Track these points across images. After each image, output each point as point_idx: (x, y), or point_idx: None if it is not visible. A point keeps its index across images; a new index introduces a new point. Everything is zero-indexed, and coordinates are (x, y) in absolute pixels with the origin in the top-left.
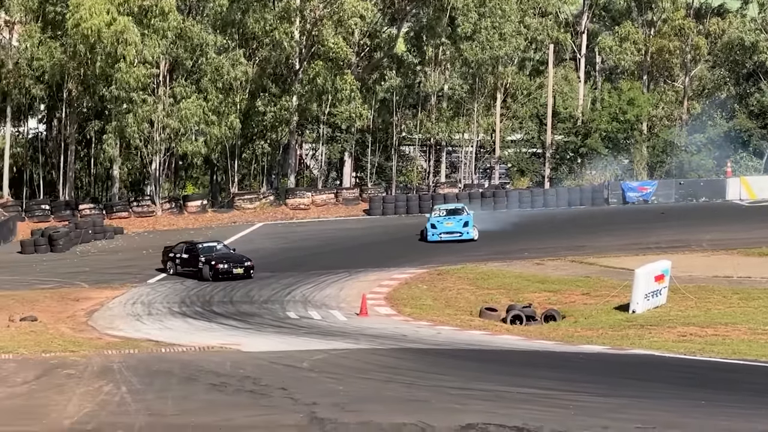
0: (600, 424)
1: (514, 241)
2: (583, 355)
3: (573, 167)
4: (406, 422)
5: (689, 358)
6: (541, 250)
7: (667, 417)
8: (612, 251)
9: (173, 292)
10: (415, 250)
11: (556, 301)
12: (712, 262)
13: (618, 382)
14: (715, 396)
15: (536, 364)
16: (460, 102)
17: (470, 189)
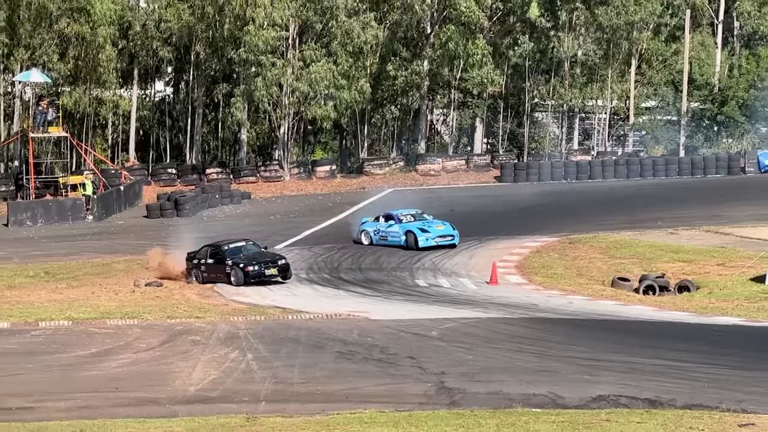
0: (734, 397)
1: (648, 210)
2: (718, 327)
3: (709, 135)
4: (536, 393)
5: None
6: (676, 220)
7: None
8: (748, 221)
9: (301, 258)
10: (546, 217)
11: (690, 272)
12: None
13: (753, 355)
14: None
15: (669, 335)
16: (594, 68)
17: (603, 156)
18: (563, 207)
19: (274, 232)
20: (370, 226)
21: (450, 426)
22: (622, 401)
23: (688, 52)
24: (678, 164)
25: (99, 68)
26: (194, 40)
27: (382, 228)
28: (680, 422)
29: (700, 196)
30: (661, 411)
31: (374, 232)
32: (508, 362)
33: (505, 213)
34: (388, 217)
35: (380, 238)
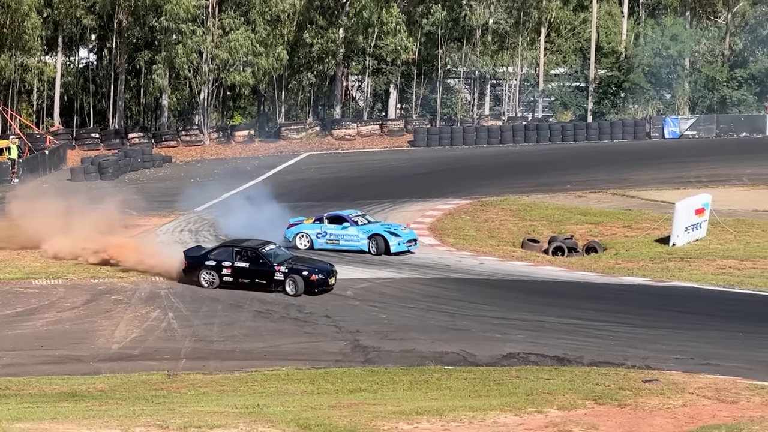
0: (639, 354)
1: (557, 174)
2: (624, 286)
3: (616, 101)
4: (448, 351)
5: (728, 291)
6: (584, 183)
7: (704, 348)
8: (653, 185)
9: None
10: (458, 181)
11: (598, 233)
12: (752, 196)
13: (657, 313)
14: (753, 328)
15: (577, 295)
16: (505, 36)
17: (513, 122)
18: (475, 171)
19: (193, 195)
20: (310, 228)
21: (365, 383)
22: (532, 359)
23: (596, 21)
24: (586, 129)
25: (24, 36)
26: (117, 8)
27: (332, 230)
28: (587, 378)
29: (607, 161)
30: (569, 368)
31: (318, 234)
32: (421, 321)
33: (418, 176)
34: (337, 218)
35: (328, 241)
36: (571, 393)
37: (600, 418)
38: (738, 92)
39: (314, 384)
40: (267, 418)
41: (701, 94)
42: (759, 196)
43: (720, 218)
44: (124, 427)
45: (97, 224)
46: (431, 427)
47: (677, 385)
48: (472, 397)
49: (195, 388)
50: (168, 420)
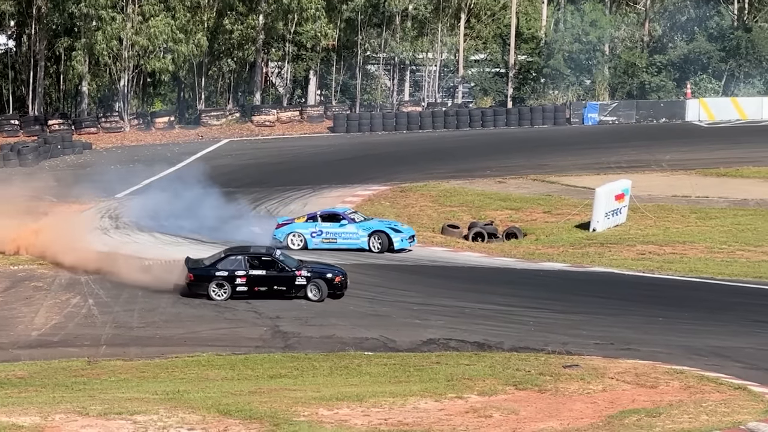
0: (559, 340)
1: (477, 160)
2: (544, 272)
3: (535, 87)
4: (368, 337)
5: (648, 276)
6: (504, 169)
7: (624, 333)
8: (573, 170)
9: (141, 207)
10: (378, 167)
11: (518, 219)
12: (671, 182)
13: (577, 299)
14: (672, 313)
15: (497, 281)
16: (425, 22)
17: (433, 108)
18: (394, 157)
19: (113, 181)
20: (303, 227)
21: (285, 369)
22: (452, 344)
23: (516, 6)
24: (506, 115)
25: None
26: None
27: (327, 229)
28: (507, 364)
29: (527, 146)
30: (489, 353)
31: (312, 233)
32: (341, 307)
33: (338, 162)
34: (332, 216)
35: (324, 240)
36: (491, 378)
37: (520, 404)
38: (657, 78)
39: (234, 370)
40: (187, 404)
41: (621, 80)
42: (678, 181)
43: (640, 204)
44: (43, 414)
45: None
46: (351, 413)
47: (597, 370)
48: (392, 383)
49: (115, 374)
50: (88, 406)
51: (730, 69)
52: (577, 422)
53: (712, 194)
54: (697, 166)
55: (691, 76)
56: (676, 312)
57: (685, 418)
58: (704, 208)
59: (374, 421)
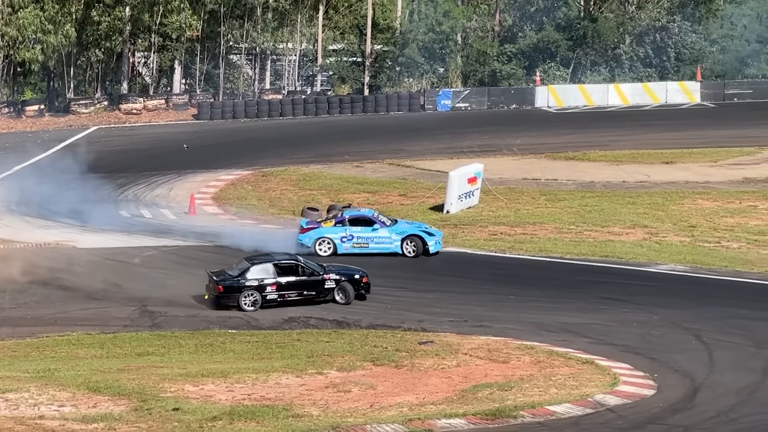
0: (415, 317)
1: (335, 145)
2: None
3: (391, 75)
4: (232, 316)
5: (499, 256)
6: (361, 154)
7: (477, 311)
8: (427, 155)
9: (11, 191)
10: (240, 153)
11: (375, 202)
12: (522, 166)
13: (432, 278)
14: (523, 291)
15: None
16: (285, 13)
17: (293, 96)
18: (256, 143)
19: None
20: (332, 231)
21: (152, 347)
22: (312, 322)
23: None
24: (363, 102)
25: None
26: None
27: (359, 233)
28: (365, 341)
29: (384, 132)
30: (348, 331)
31: (342, 238)
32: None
33: (202, 148)
34: (361, 220)
35: (355, 245)
36: (350, 355)
37: (378, 379)
38: (508, 66)
39: (103, 348)
40: (58, 381)
41: (473, 68)
42: (528, 165)
43: (491, 186)
44: None
45: None
46: (216, 389)
47: (451, 346)
48: (255, 360)
49: None
50: None
51: (577, 57)
52: (433, 396)
53: (561, 177)
54: (546, 150)
55: (540, 64)
56: (526, 290)
57: (535, 391)
58: (553, 190)
59: (238, 397)
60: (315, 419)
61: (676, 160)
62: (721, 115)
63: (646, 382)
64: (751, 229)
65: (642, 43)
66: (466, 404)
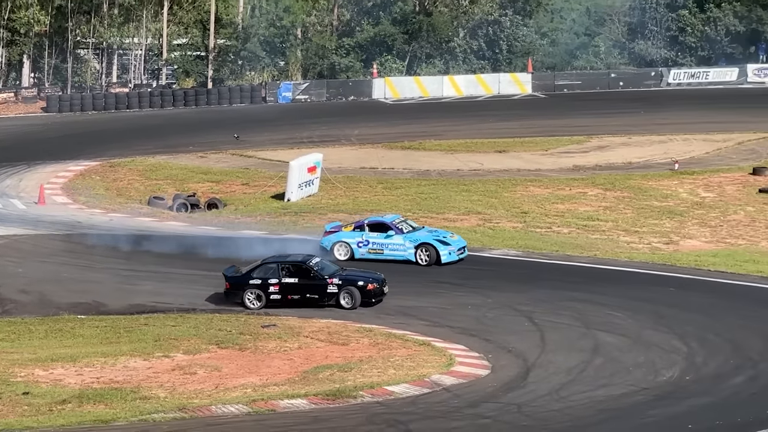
0: None
1: (180, 137)
2: (244, 239)
3: (234, 69)
4: (82, 301)
5: None
6: (205, 145)
7: None
8: (269, 145)
9: None
10: (88, 144)
11: (218, 191)
12: (360, 155)
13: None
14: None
15: (201, 247)
16: (131, 9)
17: (140, 89)
18: (104, 135)
19: None
20: (350, 236)
21: (2, 333)
22: (159, 307)
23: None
24: (207, 95)
25: None
26: None
27: (374, 239)
28: (210, 325)
29: (227, 124)
30: (194, 315)
31: (359, 243)
32: (56, 275)
33: (51, 140)
34: (380, 226)
35: (371, 251)
36: (195, 338)
37: (222, 361)
38: (346, 59)
39: None
40: None
41: (312, 61)
42: (366, 154)
43: (330, 175)
44: None
45: None
46: (66, 372)
47: (293, 329)
48: (104, 344)
49: None
50: None
51: (412, 50)
52: (275, 377)
53: (398, 166)
54: (383, 140)
55: (377, 57)
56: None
57: (374, 372)
58: (390, 178)
59: (87, 380)
60: (162, 401)
61: (509, 149)
62: (552, 106)
63: (481, 363)
64: (581, 214)
65: (475, 36)
66: (307, 385)
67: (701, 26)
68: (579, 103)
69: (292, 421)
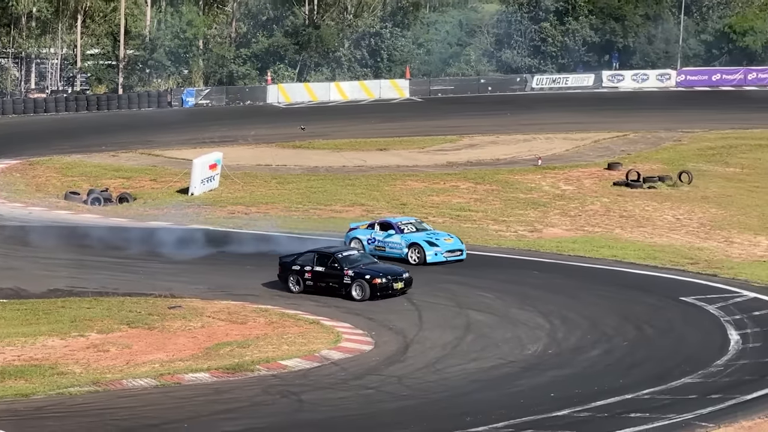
0: (165, 286)
1: (94, 138)
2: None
3: (142, 76)
4: (2, 287)
5: (237, 231)
6: (116, 145)
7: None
8: (174, 145)
9: None
10: (8, 145)
11: (129, 186)
12: (256, 153)
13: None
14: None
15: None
16: (47, 22)
17: (56, 94)
18: (24, 136)
19: None
20: (363, 234)
21: None
22: (75, 291)
23: (124, 9)
24: (117, 100)
25: None
26: None
27: (379, 237)
28: (122, 307)
29: (136, 126)
30: (107, 298)
31: (368, 240)
32: None
33: None
34: (386, 225)
35: (376, 248)
36: (108, 319)
37: (132, 339)
38: (243, 68)
39: None
40: None
41: (213, 69)
42: (261, 153)
43: (230, 172)
44: None
45: None
46: None
47: (197, 310)
48: (24, 325)
49: None
50: None
51: (303, 60)
52: (181, 353)
53: (290, 163)
54: (276, 140)
55: (270, 66)
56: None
57: (269, 348)
58: (283, 174)
59: (8, 358)
60: (77, 376)
61: (389, 147)
62: (427, 108)
63: (365, 339)
64: (454, 206)
65: (359, 46)
66: (209, 360)
67: (561, 37)
68: (452, 106)
69: (196, 392)
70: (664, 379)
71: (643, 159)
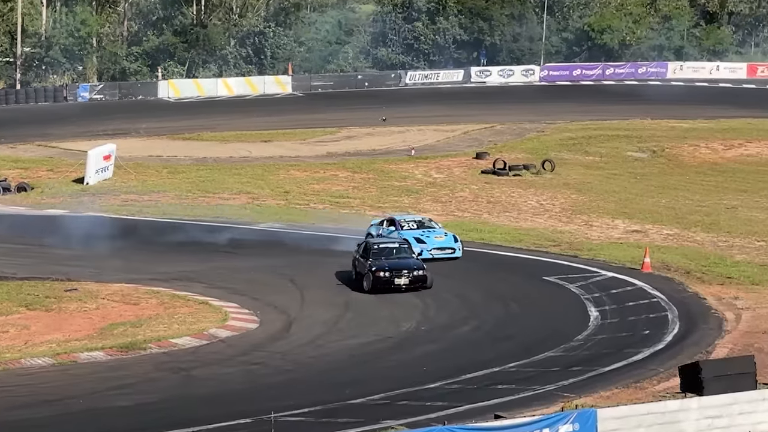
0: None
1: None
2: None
3: (39, 72)
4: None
5: (128, 218)
6: (15, 137)
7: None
8: (70, 137)
9: None
10: None
11: (27, 176)
12: (148, 145)
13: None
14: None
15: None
16: None
17: None
18: None
19: None
20: (375, 229)
21: None
22: None
23: (21, 8)
24: (15, 95)
25: None
26: None
27: (385, 233)
28: (20, 290)
29: (34, 120)
30: (5, 282)
31: (377, 235)
32: None
33: None
34: (391, 221)
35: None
36: (7, 302)
37: (31, 320)
38: (135, 64)
39: None
40: None
41: (106, 66)
42: (152, 144)
43: (123, 162)
44: None
45: None
46: None
47: (92, 292)
48: None
49: None
50: None
51: (191, 57)
52: (77, 333)
53: (180, 154)
54: (167, 133)
55: (161, 63)
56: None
57: (161, 327)
58: (174, 164)
59: None
60: None
61: (273, 139)
62: (308, 103)
63: (251, 318)
64: (334, 193)
65: (244, 44)
66: (104, 339)
67: (432, 35)
68: (331, 101)
69: (92, 370)
70: (529, 353)
71: (509, 149)
